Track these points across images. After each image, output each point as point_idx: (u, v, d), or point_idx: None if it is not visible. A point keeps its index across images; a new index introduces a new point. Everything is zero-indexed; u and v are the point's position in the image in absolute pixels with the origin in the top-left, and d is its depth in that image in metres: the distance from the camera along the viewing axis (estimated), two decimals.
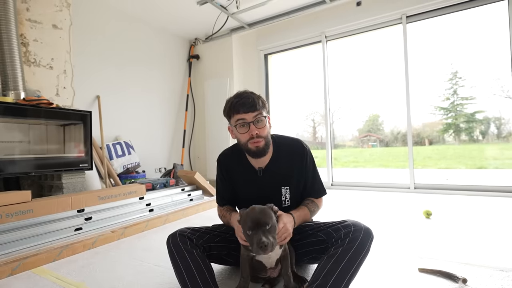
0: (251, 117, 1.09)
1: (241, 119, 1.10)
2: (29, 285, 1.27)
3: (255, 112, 1.09)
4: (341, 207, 2.63)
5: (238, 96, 1.12)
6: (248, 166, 1.22)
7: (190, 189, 3.05)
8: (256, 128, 1.10)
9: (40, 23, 2.76)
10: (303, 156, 1.21)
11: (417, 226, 1.95)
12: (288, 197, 1.21)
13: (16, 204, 1.66)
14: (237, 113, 1.10)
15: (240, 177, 1.24)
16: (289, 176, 1.20)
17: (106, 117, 3.37)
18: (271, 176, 1.20)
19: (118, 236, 1.90)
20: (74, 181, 2.54)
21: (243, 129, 1.11)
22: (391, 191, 3.33)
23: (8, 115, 2.13)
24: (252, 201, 1.21)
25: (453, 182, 3.24)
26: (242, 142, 1.14)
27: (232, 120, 1.13)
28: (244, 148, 1.15)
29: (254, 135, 1.10)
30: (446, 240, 1.64)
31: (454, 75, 3.88)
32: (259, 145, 1.11)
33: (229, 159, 1.28)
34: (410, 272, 1.25)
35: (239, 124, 1.11)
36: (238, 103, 1.09)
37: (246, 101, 1.09)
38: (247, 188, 1.23)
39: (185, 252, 1.04)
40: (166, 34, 4.27)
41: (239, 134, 1.13)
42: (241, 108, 1.09)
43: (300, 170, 1.21)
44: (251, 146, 1.12)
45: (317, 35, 3.80)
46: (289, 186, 1.20)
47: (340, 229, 1.04)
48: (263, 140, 1.12)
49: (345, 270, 0.92)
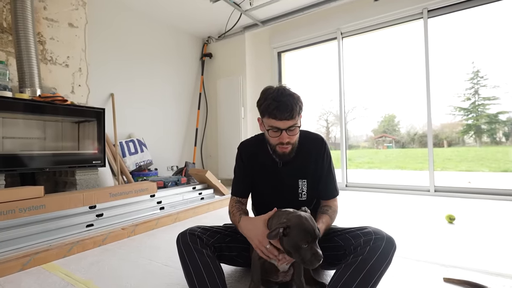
0: (286, 126, 1.05)
1: (275, 127, 1.05)
2: (38, 280, 1.26)
3: (290, 121, 1.04)
4: (356, 210, 2.53)
5: (277, 98, 1.03)
6: (269, 157, 1.20)
7: (201, 187, 3.03)
8: (287, 136, 1.07)
9: (56, 21, 2.81)
10: (321, 151, 1.19)
11: (439, 231, 1.83)
12: (305, 190, 1.18)
13: (29, 199, 1.67)
14: (272, 118, 1.04)
15: (259, 167, 1.22)
16: (307, 169, 1.18)
17: (120, 114, 3.39)
18: (290, 168, 1.18)
19: (128, 234, 1.89)
20: (88, 177, 2.55)
21: (275, 134, 1.08)
22: (409, 193, 3.19)
23: (24, 111, 2.16)
24: (269, 192, 1.21)
25: (476, 185, 3.06)
26: (271, 143, 1.13)
27: (265, 121, 1.09)
28: (271, 148, 1.14)
29: (285, 142, 1.07)
30: (472, 248, 1.53)
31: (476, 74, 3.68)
32: (286, 151, 1.10)
33: (250, 148, 1.26)
34: (434, 282, 1.16)
35: (272, 130, 1.07)
36: (276, 109, 1.02)
37: (284, 108, 1.02)
38: (266, 178, 1.21)
39: (195, 251, 1.00)
40: (180, 32, 4.27)
41: (269, 136, 1.11)
42: (278, 115, 1.03)
43: (317, 165, 1.19)
44: (278, 149, 1.11)
45: (332, 32, 3.70)
46: (307, 179, 1.18)
47: (360, 236, 0.97)
48: (291, 146, 1.11)
49: (364, 281, 0.85)
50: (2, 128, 2.24)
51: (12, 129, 2.30)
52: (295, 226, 0.88)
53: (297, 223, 0.88)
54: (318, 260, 0.83)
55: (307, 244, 0.85)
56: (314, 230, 0.87)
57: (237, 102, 4.11)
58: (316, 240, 0.86)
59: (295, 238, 0.86)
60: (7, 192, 1.62)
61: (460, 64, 3.55)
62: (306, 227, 0.87)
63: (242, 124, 4.08)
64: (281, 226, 0.89)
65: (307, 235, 0.85)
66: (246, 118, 4.11)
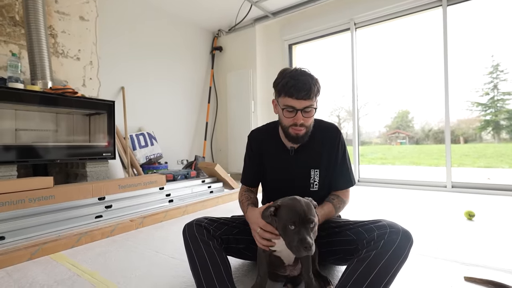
0: (302, 106, 1.01)
1: (291, 106, 1.01)
2: (45, 270, 1.26)
3: (307, 101, 1.00)
4: (369, 205, 2.45)
5: (295, 77, 1.00)
6: (280, 145, 1.16)
7: (210, 181, 3.01)
8: (302, 118, 1.03)
9: (68, 14, 2.82)
10: (335, 141, 1.14)
11: (458, 228, 1.74)
12: (317, 180, 1.13)
13: (39, 190, 1.68)
14: (288, 97, 1.00)
15: (270, 155, 1.18)
16: (320, 159, 1.13)
17: (130, 108, 3.40)
18: (302, 157, 1.13)
19: (136, 225, 1.88)
20: (98, 169, 2.57)
21: (290, 114, 1.03)
22: (424, 189, 3.07)
23: (35, 103, 2.18)
24: (280, 181, 1.16)
25: (496, 181, 2.92)
26: (284, 124, 1.08)
27: (281, 100, 1.04)
28: (284, 130, 1.09)
29: (299, 123, 1.03)
30: (494, 245, 1.44)
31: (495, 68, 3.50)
32: (299, 133, 1.06)
33: (262, 135, 1.22)
34: (455, 281, 1.08)
35: (286, 109, 1.03)
36: (293, 87, 0.99)
37: (302, 87, 0.98)
38: (277, 167, 1.17)
39: (201, 243, 0.97)
40: (190, 26, 4.24)
41: (283, 116, 1.06)
42: (295, 93, 0.99)
43: (331, 155, 1.13)
44: (291, 131, 1.06)
45: (345, 22, 3.58)
46: (319, 169, 1.13)
47: (373, 230, 0.91)
48: (305, 129, 1.06)
49: (378, 277, 0.79)
50: (15, 120, 2.27)
51: (25, 121, 2.33)
52: (284, 206, 0.86)
53: (287, 203, 0.86)
54: (306, 248, 0.77)
55: (293, 225, 0.81)
56: (304, 212, 0.82)
57: (247, 96, 4.06)
58: (306, 225, 0.81)
59: (283, 218, 0.84)
60: (17, 182, 1.63)
61: (479, 58, 3.37)
62: (295, 207, 0.84)
63: (252, 118, 4.03)
64: (273, 205, 0.88)
65: (294, 216, 0.82)
66: (256, 112, 4.05)
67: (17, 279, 1.17)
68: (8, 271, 1.25)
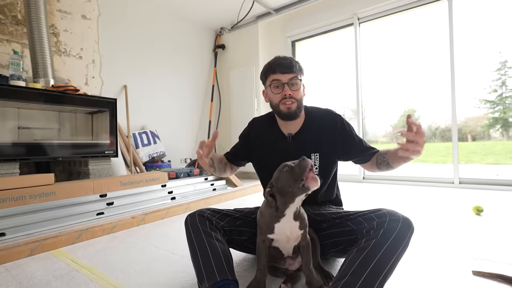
0: (287, 79, 1.08)
1: (276, 79, 1.09)
2: (45, 266, 1.25)
3: (291, 74, 1.08)
4: (375, 202, 2.41)
5: (276, 58, 1.12)
6: (278, 132, 1.19)
7: (213, 178, 2.99)
8: (290, 90, 1.08)
9: (70, 13, 2.83)
10: (335, 123, 1.15)
11: (466, 223, 1.69)
12: (318, 164, 1.13)
13: (40, 186, 1.68)
14: (273, 73, 1.09)
15: (268, 142, 1.20)
16: (319, 142, 1.13)
17: (133, 106, 3.40)
18: (300, 142, 1.15)
19: (138, 222, 1.87)
20: (100, 167, 2.57)
21: (277, 90, 1.10)
22: (431, 185, 3.01)
23: (37, 100, 2.18)
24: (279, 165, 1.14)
25: (505, 177, 2.85)
26: (275, 103, 1.12)
27: (268, 80, 1.13)
28: (276, 109, 1.14)
29: (287, 95, 1.07)
30: (502, 240, 1.39)
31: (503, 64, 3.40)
32: (291, 107, 1.09)
33: (261, 123, 1.27)
34: (463, 275, 1.04)
35: (273, 85, 1.10)
36: (276, 63, 1.09)
37: (283, 62, 1.08)
38: (275, 154, 1.16)
39: (203, 234, 0.95)
40: (192, 24, 4.23)
41: (273, 94, 1.11)
42: (277, 68, 1.08)
43: (332, 137, 1.14)
44: (282, 107, 1.10)
45: (348, 17, 3.53)
46: (319, 152, 1.13)
47: (373, 218, 0.88)
48: (295, 102, 1.09)
49: (379, 266, 0.76)
50: (18, 118, 2.28)
51: (28, 119, 2.33)
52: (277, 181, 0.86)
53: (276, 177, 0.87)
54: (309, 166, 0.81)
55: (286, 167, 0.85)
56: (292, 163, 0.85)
57: (250, 94, 4.03)
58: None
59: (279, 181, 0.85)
60: (18, 179, 1.63)
61: (486, 54, 3.29)
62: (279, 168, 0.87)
63: (255, 115, 4.00)
64: (268, 193, 0.88)
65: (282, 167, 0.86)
66: (260, 110, 4.02)
67: (16, 275, 1.16)
68: (7, 267, 1.24)
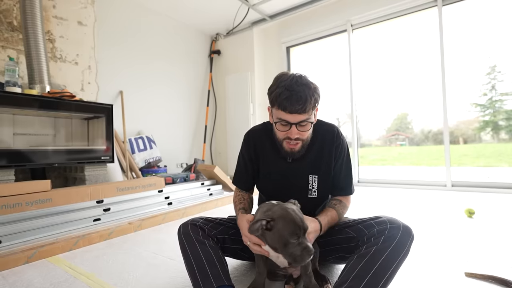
0: (296, 120, 0.93)
1: (284, 120, 0.93)
2: (42, 273, 1.24)
3: (302, 115, 0.92)
4: (370, 205, 2.44)
5: (289, 87, 0.90)
6: (277, 148, 1.08)
7: (209, 183, 2.99)
8: (297, 132, 0.95)
9: (66, 20, 2.83)
10: (334, 146, 1.07)
11: (458, 225, 1.73)
12: (316, 187, 1.07)
13: (36, 193, 1.67)
14: (282, 110, 0.92)
15: (266, 159, 1.12)
16: (319, 164, 1.07)
17: (129, 112, 3.40)
18: (300, 162, 1.07)
19: (135, 228, 1.87)
20: (97, 173, 2.56)
21: (283, 128, 0.96)
22: (424, 188, 3.06)
23: (32, 107, 2.17)
24: (276, 187, 1.10)
25: (496, 179, 2.91)
26: (278, 137, 1.01)
27: (274, 112, 0.96)
28: (278, 142, 1.03)
29: (293, 137, 0.96)
30: (494, 242, 1.42)
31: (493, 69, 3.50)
32: (294, 148, 0.99)
33: (259, 136, 1.14)
34: (455, 276, 1.07)
35: (280, 123, 0.95)
36: (288, 100, 0.90)
37: (296, 100, 0.89)
38: (273, 172, 1.10)
39: (197, 242, 0.95)
40: (188, 29, 4.26)
41: (277, 130, 0.99)
42: (288, 106, 0.90)
43: (329, 161, 1.07)
44: (285, 145, 1.00)
45: (342, 24, 3.60)
46: (317, 175, 1.07)
47: (373, 226, 0.90)
48: (300, 143, 0.99)
49: (379, 273, 0.78)
50: (13, 125, 2.27)
51: (23, 126, 2.32)
52: (280, 219, 0.78)
53: (282, 214, 0.79)
54: (309, 255, 0.77)
55: (296, 238, 0.77)
56: (302, 222, 0.79)
57: (246, 99, 4.06)
58: (305, 234, 0.80)
59: (282, 232, 0.77)
60: (14, 185, 1.62)
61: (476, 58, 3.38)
62: (293, 218, 0.77)
63: (251, 120, 4.03)
64: (263, 219, 0.79)
65: (296, 228, 0.77)
66: (255, 115, 4.06)
67: (13, 283, 1.16)
68: (4, 275, 1.23)
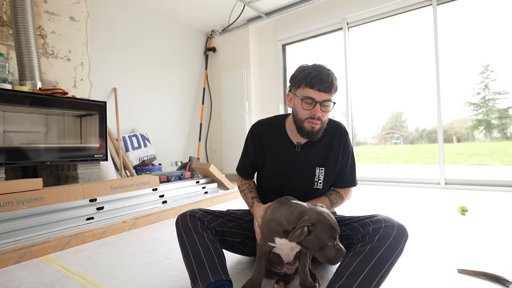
0: (322, 98, 0.98)
1: (311, 97, 0.98)
2: (33, 273, 1.22)
3: (327, 94, 0.98)
4: (364, 203, 2.45)
5: (318, 69, 0.99)
6: (286, 139, 1.12)
7: (205, 181, 2.98)
8: (320, 111, 1.00)
9: (57, 15, 2.78)
10: (343, 141, 1.12)
11: (451, 223, 1.74)
12: (322, 179, 1.10)
13: (28, 192, 1.64)
14: (310, 88, 0.98)
15: (273, 149, 1.14)
16: (326, 157, 1.10)
17: (123, 109, 3.36)
18: (308, 153, 1.10)
19: (129, 227, 1.85)
20: (90, 171, 2.53)
21: (308, 106, 0.99)
22: (419, 186, 3.09)
23: (23, 103, 2.13)
24: (282, 176, 1.12)
25: (489, 177, 2.95)
26: (300, 117, 1.03)
27: (300, 91, 1.01)
28: (298, 123, 1.05)
29: (316, 116, 0.99)
30: (486, 239, 1.44)
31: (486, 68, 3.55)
32: (315, 127, 1.02)
33: (265, 129, 1.17)
34: (448, 273, 1.08)
35: (305, 100, 0.99)
36: (317, 78, 0.97)
37: (325, 79, 0.97)
38: (281, 162, 1.12)
39: (195, 234, 0.95)
40: (183, 26, 4.22)
41: (301, 108, 1.02)
42: (317, 84, 0.96)
43: (337, 155, 1.12)
44: (307, 125, 1.02)
45: (338, 22, 3.60)
46: (325, 167, 1.10)
47: (369, 224, 0.91)
48: (320, 124, 1.03)
49: (373, 271, 0.79)
50: (3, 122, 2.22)
51: (14, 123, 2.28)
52: (319, 223, 0.81)
53: (320, 219, 0.81)
54: (342, 256, 0.79)
55: (333, 241, 0.79)
56: (337, 225, 0.81)
57: (242, 96, 4.05)
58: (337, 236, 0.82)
59: (321, 236, 0.79)
60: (5, 184, 1.59)
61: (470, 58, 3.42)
62: (330, 223, 0.80)
63: (246, 118, 4.02)
64: (306, 225, 0.81)
65: (333, 232, 0.79)
66: (251, 112, 4.04)
67: (3, 283, 1.14)
68: None
